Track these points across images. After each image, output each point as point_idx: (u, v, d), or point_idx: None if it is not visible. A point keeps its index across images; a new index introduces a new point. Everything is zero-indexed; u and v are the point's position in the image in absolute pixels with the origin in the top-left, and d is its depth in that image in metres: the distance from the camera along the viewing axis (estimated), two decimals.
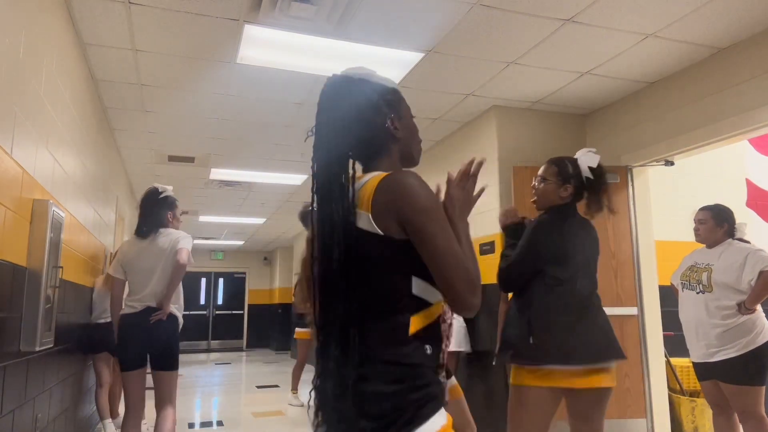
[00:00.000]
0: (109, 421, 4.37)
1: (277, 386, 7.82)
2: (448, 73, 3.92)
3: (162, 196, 3.53)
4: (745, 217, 5.07)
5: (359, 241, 1.22)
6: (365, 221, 1.21)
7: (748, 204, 5.16)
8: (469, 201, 1.35)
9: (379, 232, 1.20)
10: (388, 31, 3.31)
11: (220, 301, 15.24)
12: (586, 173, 2.38)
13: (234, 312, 15.12)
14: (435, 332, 1.23)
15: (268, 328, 14.54)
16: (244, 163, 6.23)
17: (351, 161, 1.29)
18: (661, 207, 4.58)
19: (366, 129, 1.33)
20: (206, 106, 4.51)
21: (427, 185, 1.22)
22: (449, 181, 1.35)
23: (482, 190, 1.39)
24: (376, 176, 1.25)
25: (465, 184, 1.35)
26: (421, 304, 1.21)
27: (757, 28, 3.29)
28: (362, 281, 1.22)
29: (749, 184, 5.22)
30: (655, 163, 4.12)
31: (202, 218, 9.84)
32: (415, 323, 1.19)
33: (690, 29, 3.29)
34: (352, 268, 1.21)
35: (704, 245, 3.32)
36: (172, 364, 3.34)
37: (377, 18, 3.16)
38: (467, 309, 1.18)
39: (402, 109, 1.40)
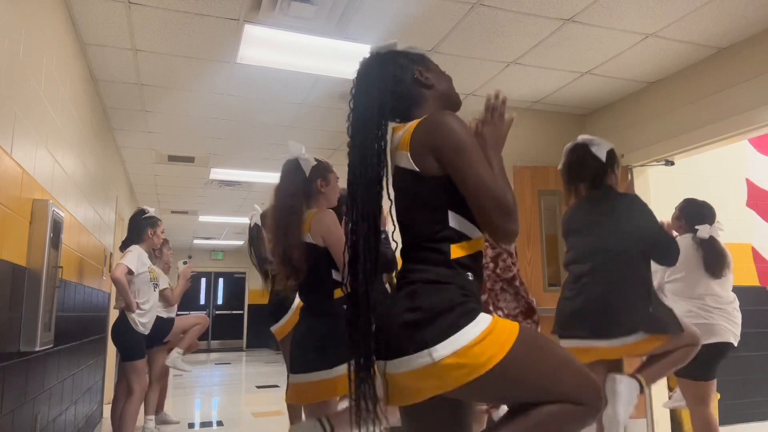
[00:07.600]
0: (151, 417, 4.36)
1: (276, 386, 7.81)
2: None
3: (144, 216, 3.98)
4: (745, 217, 5.07)
5: (398, 177, 1.34)
6: (405, 160, 1.31)
7: (748, 204, 5.15)
8: (500, 135, 1.40)
9: (416, 168, 1.28)
10: (388, 31, 3.31)
11: (220, 301, 15.22)
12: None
13: (234, 312, 15.10)
14: (477, 264, 1.30)
15: (268, 328, 14.48)
16: (244, 163, 6.22)
17: (384, 119, 1.37)
18: (661, 207, 4.57)
19: (396, 84, 1.41)
20: (206, 106, 4.50)
21: (461, 121, 1.28)
22: (478, 122, 1.41)
23: (512, 120, 1.43)
24: (416, 121, 1.34)
25: (493, 121, 1.39)
26: (461, 236, 1.27)
27: (757, 28, 3.29)
28: (404, 216, 1.33)
29: (749, 184, 5.22)
30: (655, 163, 4.12)
31: (202, 218, 9.83)
32: (456, 251, 1.26)
33: (690, 29, 3.29)
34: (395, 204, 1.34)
35: None
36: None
37: (377, 18, 3.16)
38: (503, 235, 1.23)
39: (428, 62, 1.52)
